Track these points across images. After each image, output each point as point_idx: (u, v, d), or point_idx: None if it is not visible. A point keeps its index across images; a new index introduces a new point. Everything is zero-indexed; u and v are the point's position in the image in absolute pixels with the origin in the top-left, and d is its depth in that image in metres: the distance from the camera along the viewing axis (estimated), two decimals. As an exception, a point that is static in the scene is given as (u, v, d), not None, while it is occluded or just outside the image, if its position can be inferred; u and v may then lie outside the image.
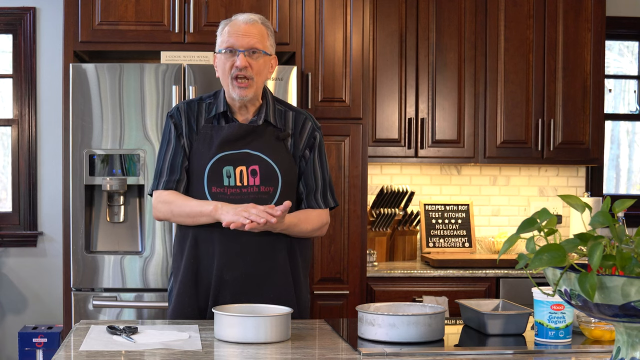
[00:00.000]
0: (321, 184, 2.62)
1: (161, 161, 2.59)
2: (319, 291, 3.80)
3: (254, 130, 2.55)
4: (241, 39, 2.50)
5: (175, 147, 2.57)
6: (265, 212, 2.35)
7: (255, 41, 2.51)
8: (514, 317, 2.26)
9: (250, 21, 2.53)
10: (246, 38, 2.51)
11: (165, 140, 2.61)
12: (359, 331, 2.19)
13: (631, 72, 5.04)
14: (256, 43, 2.51)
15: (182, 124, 2.58)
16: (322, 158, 2.64)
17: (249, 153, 2.52)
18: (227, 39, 2.52)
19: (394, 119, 4.23)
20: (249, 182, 2.51)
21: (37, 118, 4.56)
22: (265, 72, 2.56)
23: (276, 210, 2.36)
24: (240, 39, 2.51)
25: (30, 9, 4.55)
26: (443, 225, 4.51)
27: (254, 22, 2.54)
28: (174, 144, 2.58)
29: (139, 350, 2.02)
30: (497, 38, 4.29)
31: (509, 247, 1.52)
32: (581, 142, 4.35)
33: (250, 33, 2.51)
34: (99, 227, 3.63)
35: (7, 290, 4.55)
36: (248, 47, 2.50)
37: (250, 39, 2.51)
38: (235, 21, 2.55)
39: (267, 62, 2.56)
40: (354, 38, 3.83)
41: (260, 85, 2.55)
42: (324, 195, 2.63)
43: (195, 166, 2.54)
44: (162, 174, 2.57)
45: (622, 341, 1.50)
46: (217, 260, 2.50)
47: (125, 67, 3.59)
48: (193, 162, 2.55)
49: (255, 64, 2.51)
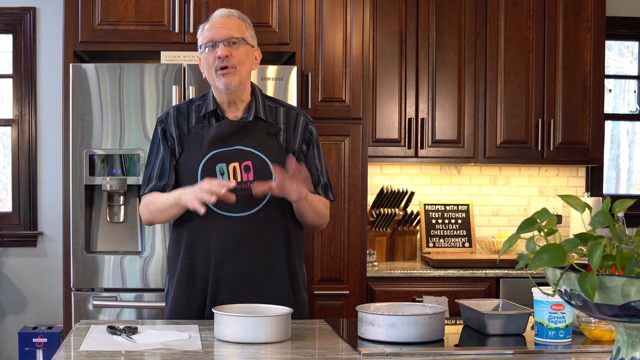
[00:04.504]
0: (322, 179, 2.63)
1: (150, 167, 2.60)
2: (319, 291, 3.80)
3: (245, 127, 2.55)
4: (219, 30, 2.53)
5: (164, 153, 2.58)
6: (218, 185, 2.36)
7: (233, 31, 2.53)
8: (514, 317, 2.26)
9: (227, 14, 2.56)
10: (224, 29, 2.53)
11: (155, 146, 2.61)
12: (359, 331, 2.19)
13: (631, 72, 5.04)
14: (235, 32, 2.53)
15: (171, 129, 2.58)
16: (320, 152, 2.66)
17: (241, 149, 2.53)
18: (206, 35, 2.55)
19: (394, 119, 4.23)
20: (242, 178, 2.51)
21: (37, 118, 4.56)
22: (249, 63, 2.57)
23: (231, 182, 2.39)
24: (218, 31, 2.53)
25: (30, 9, 4.55)
26: (443, 225, 4.51)
27: (231, 15, 2.57)
28: (162, 151, 2.59)
29: (139, 350, 2.02)
30: (497, 38, 4.29)
31: (509, 247, 1.51)
32: (581, 142, 4.36)
33: (228, 24, 2.54)
34: (99, 227, 3.63)
35: (7, 290, 4.55)
36: (227, 37, 2.52)
37: (228, 30, 2.53)
38: (212, 18, 2.58)
39: (249, 51, 2.56)
40: (354, 38, 3.83)
41: (244, 75, 2.55)
42: (325, 189, 2.64)
43: (187, 166, 2.54)
44: (151, 180, 2.59)
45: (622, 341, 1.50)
46: (214, 258, 2.50)
47: (125, 67, 3.59)
48: (185, 163, 2.55)
49: (236, 53, 2.52)
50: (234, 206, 2.48)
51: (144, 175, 2.62)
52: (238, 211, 2.49)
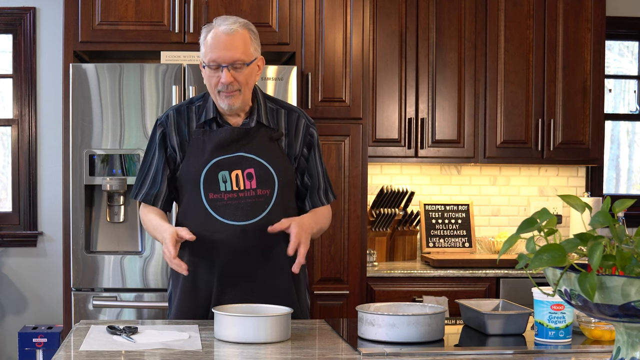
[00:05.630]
0: (323, 182, 2.63)
1: (145, 170, 2.58)
2: (319, 291, 3.80)
3: (247, 133, 2.52)
4: (223, 53, 2.43)
5: (159, 160, 2.56)
6: (168, 259, 2.35)
7: (238, 54, 2.44)
8: (514, 317, 2.26)
9: (230, 32, 2.44)
10: (229, 52, 2.43)
11: (152, 149, 2.58)
12: (359, 331, 2.19)
13: (631, 72, 5.04)
14: (240, 55, 2.44)
15: (172, 135, 2.55)
16: (320, 155, 2.65)
17: (243, 156, 2.50)
18: (209, 53, 2.45)
19: (394, 119, 4.23)
20: (245, 186, 2.49)
21: (37, 118, 4.56)
22: (253, 79, 2.51)
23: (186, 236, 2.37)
24: (222, 53, 2.43)
25: (30, 9, 4.55)
26: (443, 225, 4.51)
27: (235, 31, 2.44)
28: (157, 157, 2.56)
29: (139, 350, 2.02)
30: (497, 38, 4.29)
31: (509, 247, 1.51)
32: (581, 142, 4.36)
33: (232, 46, 2.43)
34: (99, 227, 3.63)
35: (7, 290, 4.55)
36: (231, 61, 2.43)
37: (233, 52, 2.43)
38: (216, 31, 2.46)
39: (253, 70, 2.49)
40: (354, 38, 3.83)
41: (248, 92, 2.51)
42: (326, 192, 2.65)
43: (189, 174, 2.51)
44: (143, 185, 2.58)
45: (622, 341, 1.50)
46: (218, 267, 2.49)
47: (125, 67, 3.59)
48: (187, 169, 2.52)
49: (241, 77, 2.45)
50: (237, 214, 2.47)
51: (138, 176, 2.60)
52: (241, 219, 2.47)
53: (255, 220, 2.47)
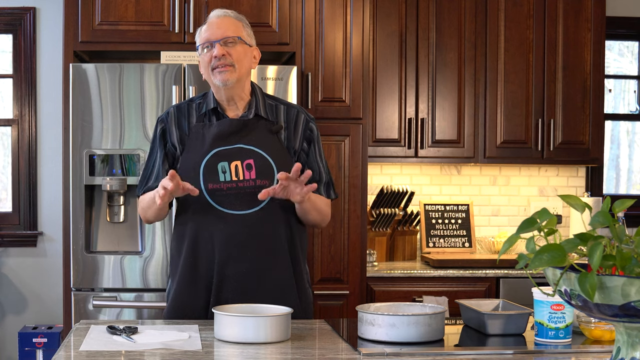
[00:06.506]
0: (324, 177, 2.64)
1: (149, 167, 2.63)
2: (319, 291, 3.80)
3: (246, 125, 2.55)
4: (215, 31, 2.53)
5: (159, 155, 2.60)
6: (161, 186, 2.39)
7: (230, 31, 2.53)
8: (514, 317, 2.26)
9: (223, 14, 2.57)
10: (220, 29, 2.53)
11: (154, 146, 2.63)
12: (359, 331, 2.19)
13: (631, 72, 5.04)
14: (230, 32, 2.53)
15: (172, 129, 2.59)
16: (321, 150, 2.67)
17: (243, 147, 2.53)
18: (203, 36, 2.56)
19: (394, 119, 4.23)
20: (244, 177, 2.51)
21: (37, 118, 4.56)
22: (247, 61, 2.57)
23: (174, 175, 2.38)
24: (214, 31, 2.53)
25: (30, 9, 4.55)
26: (443, 225, 4.51)
27: (226, 15, 2.57)
28: (158, 152, 2.61)
29: (139, 350, 2.02)
30: (497, 38, 4.29)
31: (509, 247, 1.51)
32: (581, 142, 4.36)
33: (224, 24, 2.54)
34: (99, 227, 3.63)
35: (7, 290, 4.55)
36: (223, 36, 2.52)
37: (224, 30, 2.53)
38: (208, 20, 2.59)
39: (246, 50, 2.56)
40: (354, 38, 3.83)
41: (243, 73, 2.55)
42: (327, 187, 2.65)
43: (189, 165, 2.54)
44: (148, 181, 2.62)
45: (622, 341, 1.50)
46: (218, 257, 2.50)
47: (125, 67, 3.59)
48: (187, 161, 2.55)
49: (233, 52, 2.52)
50: (236, 204, 2.50)
51: (142, 174, 2.64)
52: (241, 209, 2.50)
53: (254, 209, 2.51)
